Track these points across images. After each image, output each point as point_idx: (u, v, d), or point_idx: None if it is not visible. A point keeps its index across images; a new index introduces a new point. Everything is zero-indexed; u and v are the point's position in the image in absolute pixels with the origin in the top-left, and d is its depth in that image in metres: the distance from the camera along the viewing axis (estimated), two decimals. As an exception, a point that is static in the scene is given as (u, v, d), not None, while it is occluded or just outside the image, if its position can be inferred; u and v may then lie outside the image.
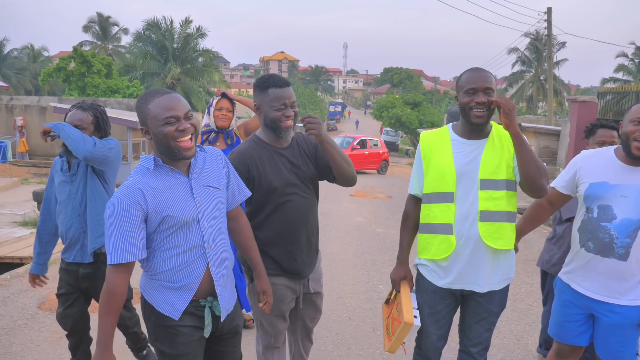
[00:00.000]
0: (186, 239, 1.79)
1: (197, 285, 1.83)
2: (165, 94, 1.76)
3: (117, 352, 3.47)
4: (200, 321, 1.88)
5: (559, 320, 2.40)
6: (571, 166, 2.31)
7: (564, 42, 35.53)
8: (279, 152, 2.31)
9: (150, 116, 1.74)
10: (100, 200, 2.67)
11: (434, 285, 2.24)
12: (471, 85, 2.08)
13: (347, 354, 3.51)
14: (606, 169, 2.19)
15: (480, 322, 2.25)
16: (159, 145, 1.76)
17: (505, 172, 2.11)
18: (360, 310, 4.28)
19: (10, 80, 37.10)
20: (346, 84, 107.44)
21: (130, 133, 12.88)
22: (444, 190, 2.16)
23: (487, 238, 2.09)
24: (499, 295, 2.23)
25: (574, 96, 15.08)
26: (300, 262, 2.36)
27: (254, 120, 3.73)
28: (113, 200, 1.70)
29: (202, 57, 28.94)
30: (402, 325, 2.18)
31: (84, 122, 2.67)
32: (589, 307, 2.27)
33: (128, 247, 1.69)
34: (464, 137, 2.18)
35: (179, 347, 1.84)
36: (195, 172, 1.85)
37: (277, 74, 2.33)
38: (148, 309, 1.86)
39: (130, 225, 1.69)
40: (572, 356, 2.46)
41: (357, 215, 8.87)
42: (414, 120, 33.51)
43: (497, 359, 3.48)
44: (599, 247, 2.17)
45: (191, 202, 1.80)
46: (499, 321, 4.01)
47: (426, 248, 2.24)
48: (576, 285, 2.30)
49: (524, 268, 5.70)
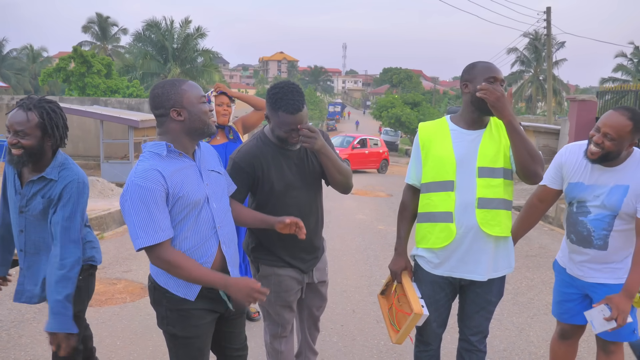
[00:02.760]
0: (199, 220, 1.86)
1: (210, 264, 1.90)
2: (187, 80, 1.90)
3: (117, 350, 3.52)
4: (212, 303, 1.94)
5: (559, 300, 2.54)
6: (556, 160, 2.43)
7: (563, 42, 35.74)
8: (286, 153, 2.27)
9: (188, 95, 1.84)
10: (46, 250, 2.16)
11: (433, 275, 2.26)
12: (492, 74, 2.10)
13: (352, 344, 3.56)
14: (584, 169, 2.31)
15: (480, 312, 2.29)
16: (195, 122, 1.85)
17: (502, 161, 2.15)
18: (364, 304, 4.34)
19: (10, 81, 37.10)
20: (345, 84, 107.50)
21: (131, 132, 12.91)
22: (444, 179, 2.18)
23: (484, 225, 2.12)
24: (497, 285, 2.27)
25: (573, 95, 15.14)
26: (300, 260, 2.37)
27: (252, 115, 3.74)
28: (133, 185, 1.74)
29: (202, 57, 29.01)
30: (412, 316, 2.17)
31: (27, 126, 2.02)
32: (583, 287, 2.41)
33: (158, 228, 1.74)
34: (463, 128, 2.22)
35: (191, 329, 1.91)
36: (200, 157, 1.95)
37: (294, 89, 2.12)
38: (160, 294, 1.91)
39: (156, 205, 1.74)
40: (574, 337, 2.58)
41: (359, 213, 8.93)
42: (414, 120, 33.58)
43: (500, 349, 3.53)
44: (580, 239, 2.34)
45: (201, 183, 1.89)
46: (501, 314, 4.11)
47: (425, 237, 2.25)
48: (569, 270, 2.46)
49: (524, 263, 5.77)
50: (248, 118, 3.76)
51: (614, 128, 2.13)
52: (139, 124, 12.62)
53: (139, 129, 13.02)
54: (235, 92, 3.68)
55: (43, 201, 2.10)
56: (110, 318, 3.89)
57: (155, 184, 1.74)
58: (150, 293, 1.96)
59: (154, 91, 1.85)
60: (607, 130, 2.15)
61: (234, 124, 3.72)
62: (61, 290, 2.03)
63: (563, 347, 2.61)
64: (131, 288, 4.63)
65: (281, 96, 2.08)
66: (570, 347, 2.61)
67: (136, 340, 3.52)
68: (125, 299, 4.34)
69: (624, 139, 2.15)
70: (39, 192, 2.11)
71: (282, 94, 2.08)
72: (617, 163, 2.23)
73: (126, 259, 5.49)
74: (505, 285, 2.38)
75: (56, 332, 2.03)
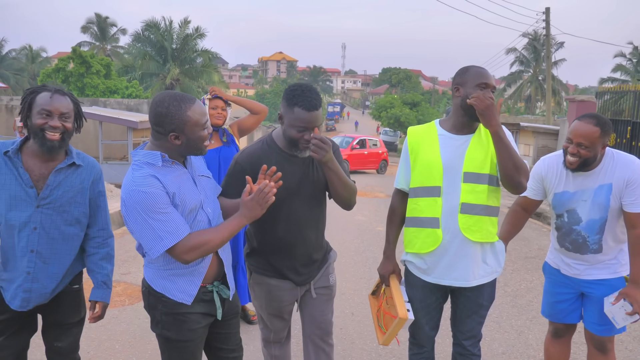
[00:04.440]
0: (195, 225, 1.87)
1: (206, 268, 1.93)
2: (193, 100, 1.84)
3: (117, 351, 3.51)
4: (207, 307, 1.96)
5: (551, 301, 2.61)
6: (535, 173, 2.54)
7: (562, 42, 35.83)
8: (293, 160, 2.17)
9: (191, 123, 1.81)
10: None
11: (423, 280, 2.27)
12: (485, 80, 2.10)
13: (351, 348, 3.56)
14: (564, 179, 2.44)
15: (472, 316, 2.29)
16: (190, 148, 1.85)
17: (489, 167, 2.14)
18: (363, 306, 4.33)
19: (9, 81, 37.05)
20: (345, 84, 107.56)
21: (130, 133, 12.90)
22: (430, 185, 2.18)
23: (465, 230, 2.12)
24: (488, 289, 2.26)
25: (572, 96, 15.14)
26: (294, 272, 2.27)
27: (248, 119, 3.72)
28: (137, 193, 1.72)
29: (201, 58, 28.99)
30: (397, 320, 2.20)
31: (70, 109, 2.04)
32: (579, 285, 2.51)
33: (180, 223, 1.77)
34: (452, 133, 2.21)
35: (186, 333, 1.92)
36: (191, 164, 1.97)
37: (313, 89, 2.08)
38: (154, 299, 1.92)
39: (167, 206, 1.75)
40: (567, 334, 2.67)
41: (358, 214, 8.93)
42: (413, 120, 33.62)
43: (499, 352, 3.53)
44: (576, 247, 2.45)
45: (195, 189, 1.90)
46: (500, 316, 4.11)
47: (412, 242, 2.26)
48: (564, 270, 2.54)
49: (523, 265, 5.76)
50: (244, 121, 3.74)
51: (584, 137, 2.27)
52: (138, 125, 12.61)
53: (138, 130, 13.01)
54: (230, 96, 3.66)
55: (72, 188, 2.07)
56: (109, 321, 3.88)
57: (158, 188, 1.75)
58: (145, 297, 1.97)
59: (158, 109, 1.79)
60: (579, 140, 2.29)
61: (230, 127, 3.71)
62: (107, 266, 2.24)
63: (557, 346, 2.68)
64: (130, 291, 4.62)
65: (299, 93, 2.04)
66: (563, 345, 2.69)
67: (135, 344, 3.52)
68: (124, 302, 4.34)
69: (596, 144, 2.28)
70: (66, 179, 2.06)
71: (300, 91, 2.04)
72: (595, 166, 2.36)
73: (125, 261, 5.47)
74: (504, 287, 2.39)
75: (102, 301, 2.20)
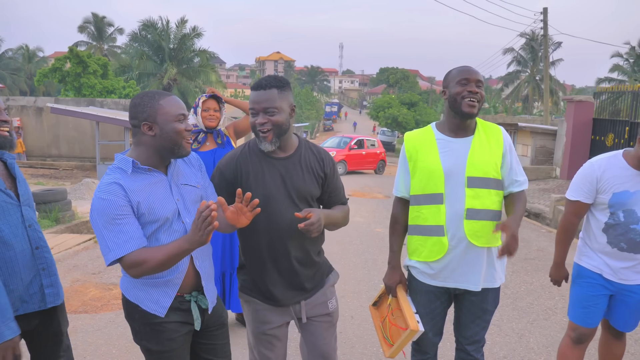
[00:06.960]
0: (169, 236, 1.81)
1: (181, 280, 1.85)
2: (170, 95, 1.82)
3: (117, 352, 3.47)
4: (185, 316, 1.89)
5: (587, 305, 2.51)
6: (588, 176, 2.44)
7: (559, 42, 35.90)
8: (272, 162, 2.02)
9: (163, 111, 1.76)
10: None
11: (427, 285, 2.23)
12: (464, 75, 2.10)
13: (351, 352, 3.53)
14: (625, 178, 2.38)
15: (476, 321, 2.26)
16: (165, 140, 1.77)
17: (493, 171, 2.12)
18: (363, 309, 4.30)
19: (5, 81, 36.97)
20: (342, 84, 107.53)
21: (127, 133, 12.85)
22: (432, 192, 2.14)
23: (471, 236, 2.10)
24: (492, 294, 2.24)
25: (570, 96, 15.15)
26: (277, 291, 2.07)
27: (244, 120, 3.66)
28: (96, 200, 1.70)
29: (199, 58, 28.94)
30: (408, 332, 2.14)
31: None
32: (618, 290, 2.46)
33: (129, 237, 1.69)
34: (449, 136, 2.17)
35: (165, 343, 1.86)
36: (173, 171, 1.89)
37: (273, 75, 2.04)
38: (131, 308, 1.87)
39: (122, 216, 1.69)
40: (589, 340, 2.58)
41: (356, 215, 8.89)
42: (411, 120, 33.65)
43: (500, 356, 3.51)
44: (632, 246, 2.38)
45: (170, 199, 1.83)
46: (500, 319, 4.08)
47: (417, 250, 2.22)
48: (607, 274, 2.46)
49: (523, 267, 5.74)
50: (240, 123, 3.69)
51: None
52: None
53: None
54: (226, 98, 3.63)
55: None
56: (106, 325, 3.84)
57: (117, 196, 1.70)
58: (124, 307, 1.93)
59: (133, 100, 1.80)
60: None
61: (226, 128, 3.66)
62: None
63: (577, 352, 2.59)
64: (127, 294, 4.57)
65: (258, 80, 2.02)
66: (582, 350, 2.60)
67: (132, 349, 3.47)
68: (121, 305, 4.29)
69: None
70: None
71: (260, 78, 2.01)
72: None
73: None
74: (504, 290, 2.37)
75: None
